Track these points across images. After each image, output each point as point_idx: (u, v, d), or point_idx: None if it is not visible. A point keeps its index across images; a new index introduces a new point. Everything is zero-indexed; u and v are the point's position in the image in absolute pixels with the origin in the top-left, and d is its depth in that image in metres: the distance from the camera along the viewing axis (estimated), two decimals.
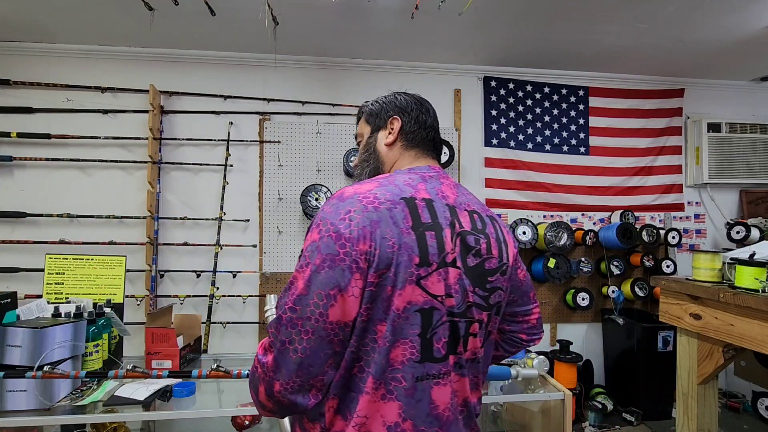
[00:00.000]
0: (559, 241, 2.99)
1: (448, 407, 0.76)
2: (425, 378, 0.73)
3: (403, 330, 0.71)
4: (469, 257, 0.79)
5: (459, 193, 0.87)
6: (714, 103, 3.48)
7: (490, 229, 0.85)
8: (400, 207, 0.74)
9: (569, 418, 1.64)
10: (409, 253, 0.71)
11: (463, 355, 0.78)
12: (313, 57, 3.00)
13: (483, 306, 0.81)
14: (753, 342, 1.55)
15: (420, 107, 0.97)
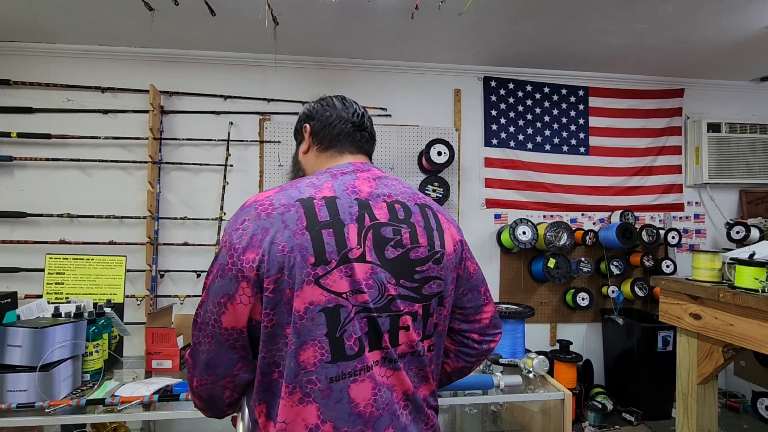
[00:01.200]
0: (559, 241, 2.99)
1: (370, 404, 0.74)
2: (341, 378, 0.73)
3: (309, 331, 0.71)
4: (387, 249, 0.78)
5: (380, 185, 0.85)
6: (714, 103, 3.48)
7: (416, 218, 0.84)
8: (294, 209, 0.75)
9: (569, 418, 1.64)
10: (302, 254, 0.71)
11: (393, 348, 0.78)
12: (313, 57, 3.00)
13: (414, 298, 0.80)
14: (753, 342, 1.55)
15: (327, 107, 0.97)
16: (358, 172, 0.87)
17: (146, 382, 1.54)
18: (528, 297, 3.23)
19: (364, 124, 0.98)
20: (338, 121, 0.95)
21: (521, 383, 1.65)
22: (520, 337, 2.13)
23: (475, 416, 2.06)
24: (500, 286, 3.22)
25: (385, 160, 3.05)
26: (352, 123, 0.96)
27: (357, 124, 0.97)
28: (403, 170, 3.08)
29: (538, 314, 3.22)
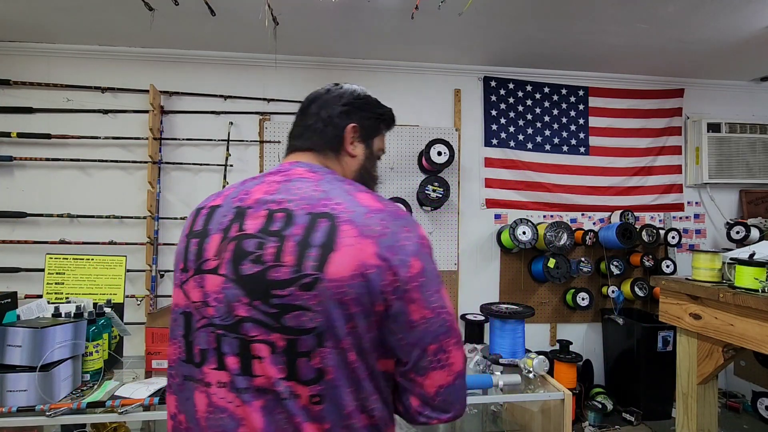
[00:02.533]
0: (559, 241, 2.99)
1: (204, 417, 0.70)
2: (190, 379, 0.74)
3: (174, 329, 0.78)
4: (244, 264, 0.69)
5: (281, 189, 0.76)
6: (714, 103, 3.48)
7: (295, 230, 0.70)
8: (189, 217, 0.83)
9: (569, 418, 1.64)
10: (177, 259, 0.79)
11: (244, 377, 0.69)
12: (313, 57, 3.00)
13: (270, 325, 0.68)
14: (753, 342, 1.55)
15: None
16: (270, 175, 0.81)
17: (146, 382, 1.54)
18: (528, 297, 3.23)
19: (305, 112, 0.94)
20: (296, 120, 0.96)
21: (521, 383, 1.65)
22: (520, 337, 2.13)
23: (475, 416, 2.06)
24: (500, 286, 3.22)
25: (385, 160, 3.05)
26: (300, 118, 0.95)
27: (297, 115, 0.95)
28: (403, 170, 3.08)
29: (538, 314, 3.22)
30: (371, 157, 0.96)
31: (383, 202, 0.77)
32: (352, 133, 0.91)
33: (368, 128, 0.94)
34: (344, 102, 0.93)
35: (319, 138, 0.90)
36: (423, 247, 0.74)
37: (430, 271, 0.74)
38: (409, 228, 0.74)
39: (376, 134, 0.97)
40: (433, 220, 3.11)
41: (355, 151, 0.92)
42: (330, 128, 0.90)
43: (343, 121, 0.91)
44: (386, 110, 0.99)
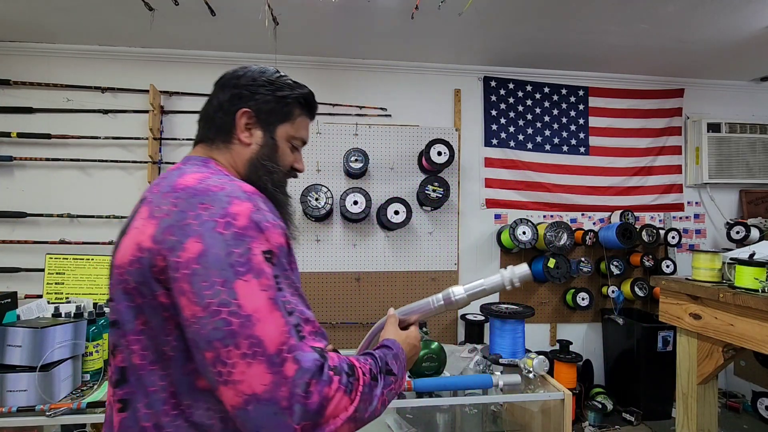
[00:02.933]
0: (559, 241, 2.99)
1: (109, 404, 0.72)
2: None
3: None
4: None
5: (164, 177, 0.75)
6: (714, 103, 3.48)
7: (138, 213, 0.71)
8: None
9: (569, 418, 1.64)
10: None
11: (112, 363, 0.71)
12: (313, 57, 3.00)
13: (112, 321, 0.71)
14: (753, 342, 1.55)
15: None
16: (171, 170, 0.79)
17: None
18: (528, 297, 3.23)
19: (208, 102, 0.87)
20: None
21: (521, 383, 1.65)
22: (519, 337, 2.13)
23: (475, 416, 2.06)
24: None
25: (385, 160, 3.05)
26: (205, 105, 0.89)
27: (205, 109, 0.88)
28: (403, 170, 3.08)
29: (538, 314, 3.22)
30: (271, 146, 0.85)
31: (203, 182, 0.69)
32: (245, 119, 0.83)
33: (268, 113, 0.84)
34: (239, 84, 0.84)
35: (209, 127, 0.85)
36: (218, 227, 0.62)
37: (214, 256, 0.60)
38: (209, 205, 0.64)
39: (283, 120, 0.86)
40: (433, 220, 3.11)
41: (249, 139, 0.84)
42: (220, 114, 0.84)
43: (234, 105, 0.83)
44: (294, 92, 0.87)
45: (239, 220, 0.63)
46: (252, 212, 0.65)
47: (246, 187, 0.71)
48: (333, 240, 3.00)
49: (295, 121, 0.89)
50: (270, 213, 0.69)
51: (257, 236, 0.64)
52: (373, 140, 3.04)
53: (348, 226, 3.01)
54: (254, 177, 0.83)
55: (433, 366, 1.75)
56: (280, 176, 0.87)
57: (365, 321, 3.00)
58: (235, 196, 0.66)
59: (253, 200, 0.68)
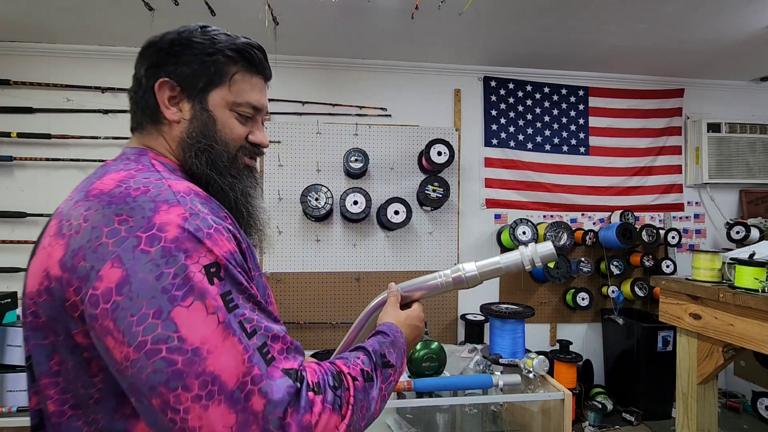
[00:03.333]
0: (559, 241, 2.99)
1: None
2: None
3: None
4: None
5: (87, 178, 0.65)
6: (714, 103, 3.48)
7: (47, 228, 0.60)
8: None
9: (569, 418, 1.64)
10: None
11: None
12: (313, 57, 3.00)
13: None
14: (753, 342, 1.55)
15: None
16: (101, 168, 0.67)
17: None
18: (528, 297, 3.22)
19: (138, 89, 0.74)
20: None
21: (521, 383, 1.65)
22: (520, 337, 2.13)
23: (475, 416, 2.06)
24: (500, 286, 3.22)
25: (385, 160, 3.05)
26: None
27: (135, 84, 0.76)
28: (403, 170, 3.08)
29: (538, 314, 3.22)
30: (205, 118, 0.69)
31: (123, 184, 0.57)
32: (167, 91, 0.69)
33: (194, 78, 0.68)
34: (156, 50, 0.70)
35: (135, 109, 0.74)
36: (142, 245, 0.51)
37: (140, 282, 0.49)
38: (127, 216, 0.53)
39: (215, 84, 0.69)
40: (433, 220, 3.11)
41: (176, 114, 0.69)
42: (141, 92, 0.72)
43: (152, 78, 0.69)
44: (221, 45, 0.69)
45: (168, 232, 0.52)
46: (184, 219, 0.53)
47: (178, 185, 0.59)
48: (333, 240, 3.00)
49: (232, 82, 0.70)
50: (211, 214, 0.57)
51: (195, 248, 0.52)
52: (373, 140, 3.04)
53: (348, 226, 3.01)
54: (188, 161, 0.69)
55: (433, 366, 1.75)
56: (222, 156, 0.70)
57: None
58: (162, 200, 0.54)
59: (186, 202, 0.56)
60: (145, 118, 0.72)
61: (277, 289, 2.94)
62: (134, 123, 0.76)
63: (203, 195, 0.61)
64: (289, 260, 2.95)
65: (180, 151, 0.70)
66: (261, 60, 0.74)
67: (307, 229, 2.97)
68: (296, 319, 2.94)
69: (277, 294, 2.94)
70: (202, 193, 0.62)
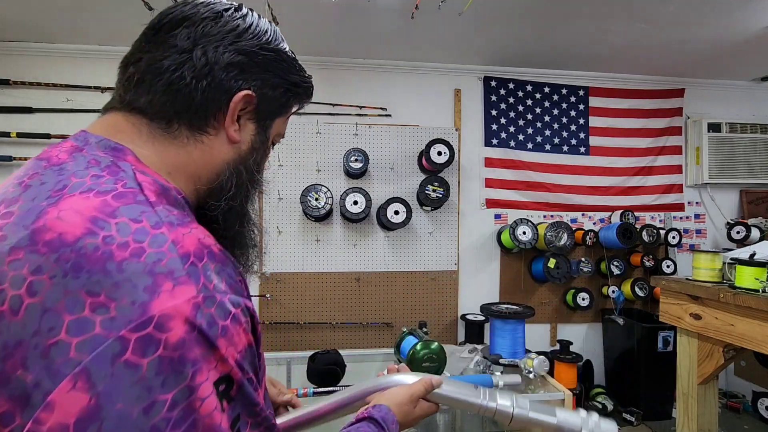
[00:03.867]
0: (559, 241, 2.99)
1: None
2: None
3: None
4: None
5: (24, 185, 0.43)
6: (714, 103, 3.48)
7: None
8: None
9: None
10: None
11: None
12: (313, 57, 3.00)
13: None
14: (753, 342, 1.55)
15: None
16: (34, 159, 0.47)
17: None
18: (528, 297, 3.22)
19: (157, 37, 0.52)
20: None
21: (521, 383, 1.65)
22: (520, 338, 2.13)
23: (475, 417, 2.06)
24: (500, 286, 3.21)
25: (385, 160, 3.05)
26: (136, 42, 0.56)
27: (139, 41, 0.54)
28: (403, 170, 3.07)
29: (539, 314, 3.22)
30: (262, 148, 0.59)
31: (99, 226, 0.38)
32: (242, 104, 0.54)
33: (271, 102, 0.57)
34: (243, 47, 0.53)
35: (171, 95, 0.50)
36: (127, 354, 0.34)
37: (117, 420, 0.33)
38: (107, 298, 0.35)
39: (281, 113, 0.60)
40: (433, 220, 3.11)
41: (238, 134, 0.55)
42: (204, 84, 0.51)
43: (234, 80, 0.52)
44: (305, 78, 0.62)
45: (172, 331, 0.35)
46: (196, 307, 0.37)
47: (186, 238, 0.40)
48: (333, 240, 2.99)
49: (289, 115, 0.63)
50: (230, 291, 0.41)
51: (205, 357, 0.36)
52: (373, 140, 3.04)
53: (348, 226, 3.00)
54: (223, 194, 0.54)
55: (433, 366, 1.75)
56: (254, 193, 0.61)
57: (365, 321, 3.00)
58: (165, 273, 0.37)
59: (198, 275, 0.39)
60: (187, 112, 0.51)
61: (277, 289, 2.94)
62: (146, 101, 0.50)
63: (217, 252, 0.43)
64: (289, 260, 2.95)
65: (219, 176, 0.54)
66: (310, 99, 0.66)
67: (307, 229, 2.97)
68: (296, 319, 2.94)
69: (277, 294, 2.94)
70: (215, 248, 0.44)
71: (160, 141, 0.51)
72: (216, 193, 0.55)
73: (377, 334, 3.02)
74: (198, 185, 0.54)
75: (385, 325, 3.02)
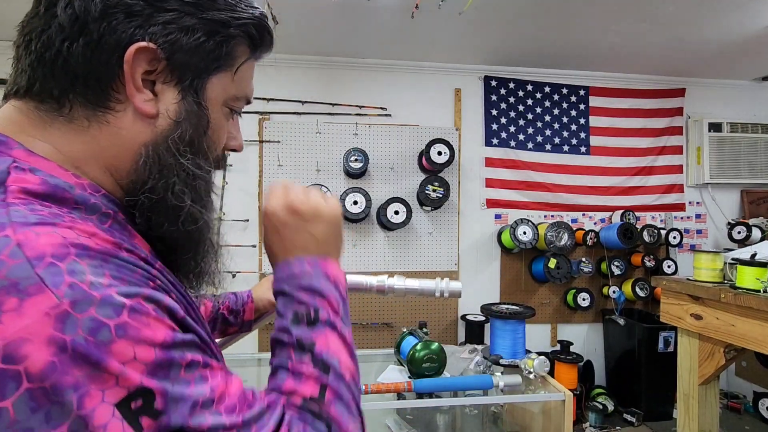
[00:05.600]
0: (560, 242, 2.98)
1: None
2: None
3: None
4: None
5: None
6: (715, 102, 3.47)
7: None
8: None
9: (570, 418, 1.63)
10: None
11: None
12: (313, 56, 3.00)
13: None
14: (754, 342, 1.54)
15: None
16: None
17: None
18: (528, 297, 3.22)
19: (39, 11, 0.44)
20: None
21: (521, 384, 1.65)
22: (520, 338, 2.13)
23: (476, 417, 2.05)
24: (501, 286, 3.21)
25: (385, 159, 3.04)
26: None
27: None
28: (403, 170, 3.07)
29: (539, 315, 3.21)
30: (194, 119, 0.45)
31: None
32: (144, 64, 0.41)
33: (191, 53, 0.43)
34: None
35: (47, 67, 0.41)
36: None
37: None
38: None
39: (218, 68, 0.46)
40: (433, 220, 3.11)
41: (151, 105, 0.43)
42: (79, 46, 0.40)
43: (119, 32, 0.40)
44: (243, 13, 0.46)
45: (30, 359, 0.28)
46: (61, 319, 0.29)
47: (42, 240, 0.32)
48: None
49: (238, 68, 0.49)
50: (109, 278, 0.33)
51: (91, 379, 0.29)
52: (373, 140, 3.03)
53: (348, 226, 3.00)
54: (140, 185, 0.43)
55: (433, 367, 1.75)
56: (204, 178, 0.47)
57: (365, 321, 2.99)
58: (7, 286, 0.29)
59: (61, 276, 0.31)
60: (76, 91, 0.40)
61: None
62: (27, 80, 0.42)
63: (96, 248, 0.34)
64: None
65: (135, 167, 0.42)
66: (271, 42, 0.53)
67: None
68: None
69: None
70: (96, 245, 0.34)
71: (56, 127, 0.41)
72: (140, 185, 0.43)
73: (377, 335, 3.02)
74: (118, 178, 0.43)
75: (385, 326, 3.02)
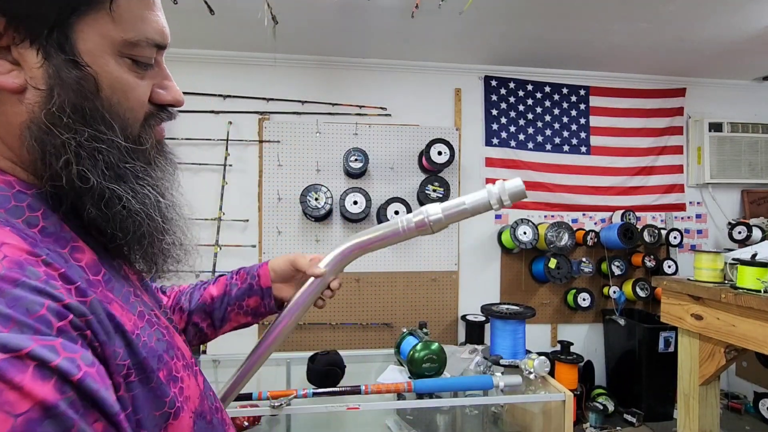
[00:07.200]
0: (560, 242, 2.98)
1: None
2: None
3: None
4: None
5: None
6: (716, 102, 3.46)
7: None
8: None
9: (570, 419, 1.63)
10: None
11: None
12: (313, 56, 2.99)
13: None
14: (755, 343, 1.54)
15: None
16: None
17: None
18: (529, 297, 3.21)
19: None
20: None
21: (521, 384, 1.64)
22: (520, 338, 2.12)
23: (476, 417, 2.05)
24: (501, 286, 3.20)
25: (385, 159, 3.04)
26: None
27: None
28: (403, 170, 3.07)
29: (539, 315, 3.21)
30: (79, 78, 0.37)
31: None
32: None
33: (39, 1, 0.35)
34: None
35: None
36: None
37: None
38: None
39: (83, 6, 0.37)
40: None
41: (14, 76, 0.36)
42: None
43: None
44: None
45: None
46: None
47: None
48: (333, 240, 2.99)
49: (114, 4, 0.39)
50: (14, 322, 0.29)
51: None
52: (373, 140, 3.03)
53: (348, 226, 3.00)
54: (50, 172, 0.37)
55: (433, 367, 1.74)
56: (119, 146, 0.40)
57: (365, 322, 2.99)
58: None
59: None
60: None
61: None
62: None
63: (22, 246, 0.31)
64: None
65: (26, 151, 0.37)
66: None
67: (307, 229, 2.96)
68: None
69: None
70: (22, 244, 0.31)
71: None
72: (53, 168, 0.37)
73: (377, 335, 3.01)
74: (32, 171, 0.38)
75: (385, 326, 3.02)
